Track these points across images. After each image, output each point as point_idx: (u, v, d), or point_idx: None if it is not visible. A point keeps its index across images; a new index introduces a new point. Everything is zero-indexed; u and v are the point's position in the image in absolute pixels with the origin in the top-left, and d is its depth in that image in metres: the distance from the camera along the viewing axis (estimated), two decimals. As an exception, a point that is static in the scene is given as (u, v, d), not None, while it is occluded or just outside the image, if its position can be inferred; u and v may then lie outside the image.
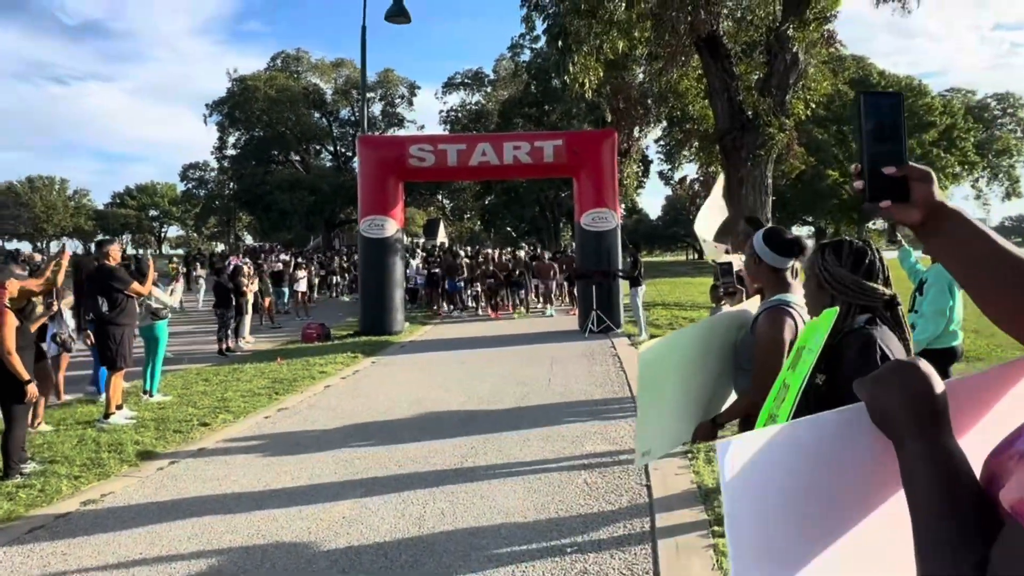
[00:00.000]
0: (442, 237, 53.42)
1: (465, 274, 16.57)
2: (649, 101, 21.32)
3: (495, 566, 3.41)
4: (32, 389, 4.77)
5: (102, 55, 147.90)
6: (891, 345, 1.67)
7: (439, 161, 12.25)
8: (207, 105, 45.19)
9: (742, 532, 0.87)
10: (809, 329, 1.44)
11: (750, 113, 12.66)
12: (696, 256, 61.38)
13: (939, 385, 0.82)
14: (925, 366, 0.83)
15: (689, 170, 44.94)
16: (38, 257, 13.46)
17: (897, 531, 0.85)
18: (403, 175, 12.79)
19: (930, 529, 0.76)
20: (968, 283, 0.96)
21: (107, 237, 12.65)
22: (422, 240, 44.70)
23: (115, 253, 6.52)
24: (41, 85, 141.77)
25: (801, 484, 0.88)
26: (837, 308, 1.45)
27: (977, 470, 0.79)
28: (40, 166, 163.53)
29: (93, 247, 8.49)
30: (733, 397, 2.53)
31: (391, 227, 12.37)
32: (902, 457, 0.81)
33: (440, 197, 46.61)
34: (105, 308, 6.22)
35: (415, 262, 19.66)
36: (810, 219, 48.47)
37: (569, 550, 3.56)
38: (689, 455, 4.96)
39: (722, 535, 3.59)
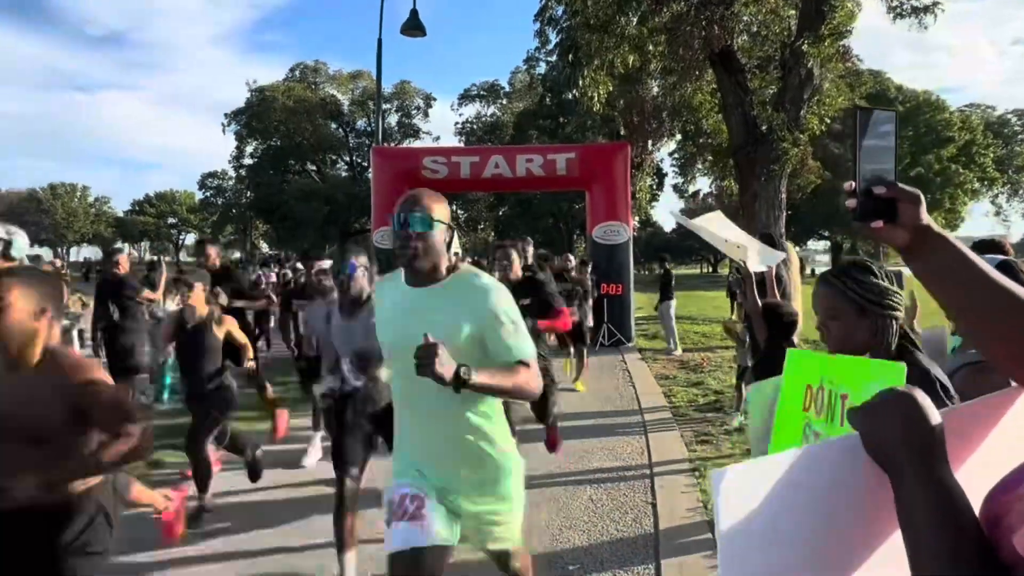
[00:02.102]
0: (456, 248, 53.51)
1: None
2: (664, 115, 21.29)
3: (496, 583, 3.38)
4: None
5: (124, 64, 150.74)
6: (937, 372, 1.52)
7: (452, 173, 12.30)
8: (225, 115, 45.79)
9: (736, 567, 0.84)
10: (856, 373, 1.21)
11: (764, 128, 12.59)
12: (710, 269, 61.09)
13: (935, 416, 0.80)
14: (921, 396, 0.82)
15: (703, 184, 44.81)
16: (59, 263, 13.66)
17: (897, 569, 0.83)
18: (416, 186, 12.80)
19: (928, 568, 0.74)
20: (949, 307, 0.97)
21: (117, 246, 12.66)
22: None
23: (124, 262, 6.59)
24: (65, 94, 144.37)
25: (798, 517, 0.85)
26: (904, 365, 1.20)
27: (974, 506, 0.77)
28: (63, 174, 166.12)
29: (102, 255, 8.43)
30: None
31: (403, 238, 12.43)
32: (898, 492, 0.79)
33: (455, 207, 46.82)
34: (116, 316, 6.29)
35: None
36: (826, 233, 48.09)
37: (571, 567, 3.53)
38: (696, 473, 4.91)
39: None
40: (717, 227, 4.25)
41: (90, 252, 71.70)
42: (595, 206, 12.22)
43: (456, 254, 2.36)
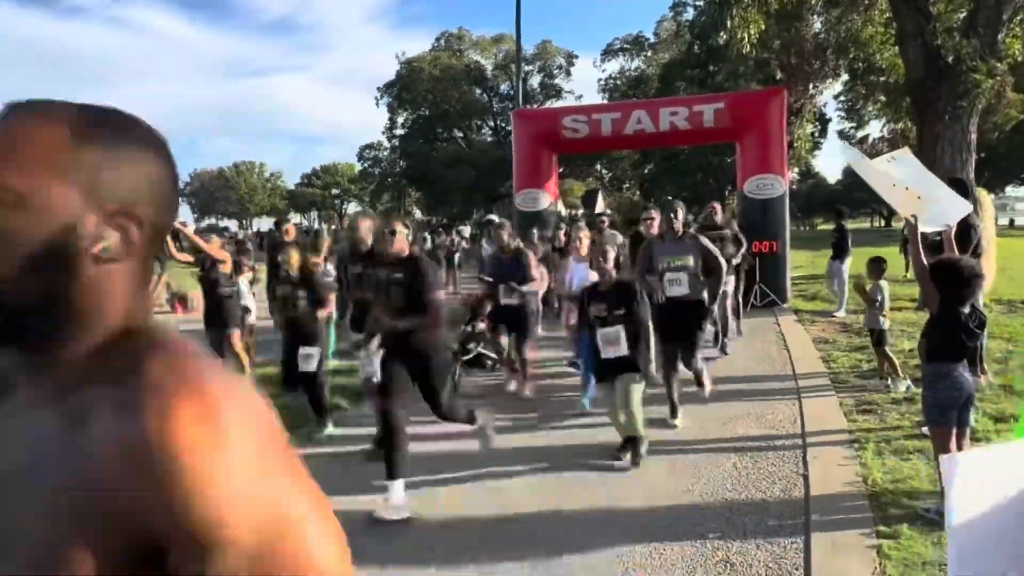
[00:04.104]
0: (600, 207, 52.92)
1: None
2: (827, 53, 19.31)
3: (632, 543, 3.37)
4: None
5: (291, 48, 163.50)
6: None
7: (593, 131, 12.07)
8: (378, 88, 48.21)
9: (971, 565, 0.76)
10: None
11: (950, 59, 10.96)
12: (883, 223, 55.25)
13: None
14: None
15: (875, 128, 40.28)
16: (240, 234, 15.28)
17: None
18: (557, 147, 12.80)
19: None
20: None
21: (285, 216, 14.07)
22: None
23: (291, 230, 7.23)
24: (243, 80, 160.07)
25: None
26: None
27: None
28: (244, 152, 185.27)
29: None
30: None
31: (545, 200, 12.49)
32: None
33: (598, 167, 46.09)
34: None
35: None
36: (1030, 178, 41.61)
37: (711, 535, 3.42)
38: (856, 445, 4.53)
39: (889, 536, 3.25)
40: (898, 170, 3.71)
41: (269, 223, 79.76)
42: (746, 158, 11.46)
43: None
